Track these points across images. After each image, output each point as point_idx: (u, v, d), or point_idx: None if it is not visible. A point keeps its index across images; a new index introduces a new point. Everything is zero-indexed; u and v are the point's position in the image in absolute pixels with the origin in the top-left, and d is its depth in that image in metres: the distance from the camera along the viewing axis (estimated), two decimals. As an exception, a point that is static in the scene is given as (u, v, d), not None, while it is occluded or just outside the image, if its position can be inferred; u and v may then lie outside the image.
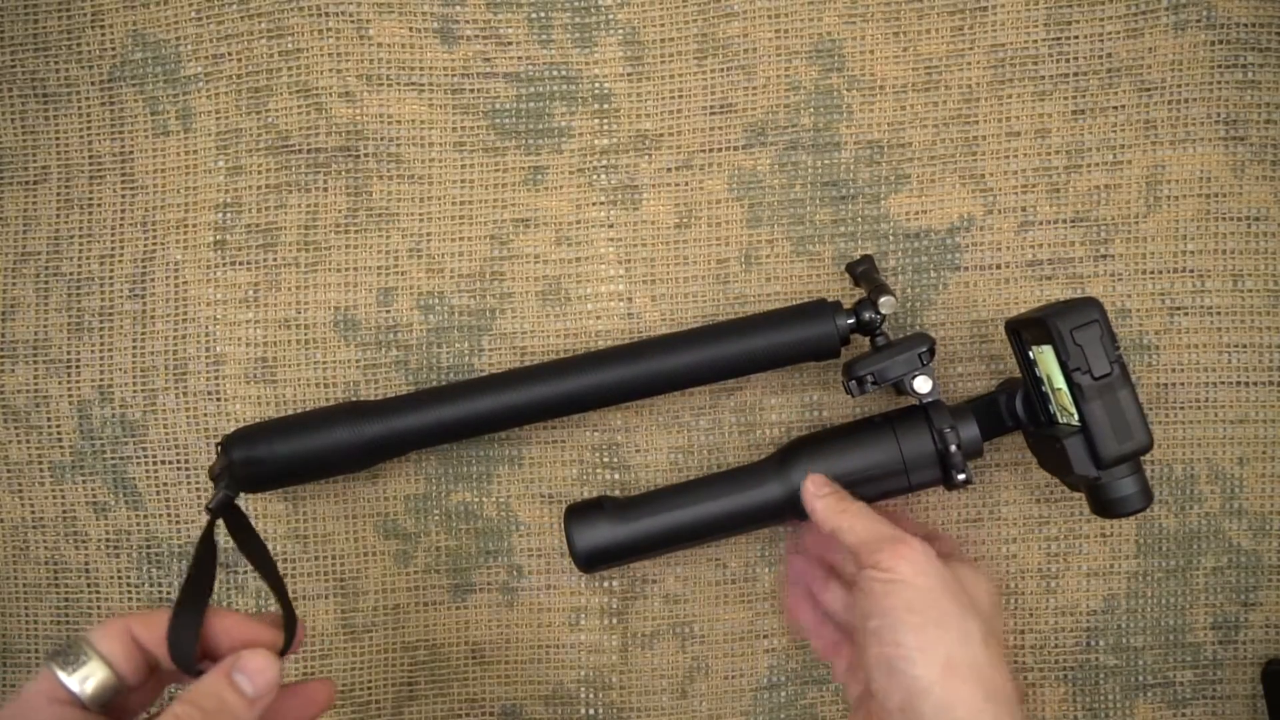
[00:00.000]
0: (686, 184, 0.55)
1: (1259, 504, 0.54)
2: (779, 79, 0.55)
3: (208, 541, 0.42)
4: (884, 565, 0.41)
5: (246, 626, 0.39)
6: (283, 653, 0.39)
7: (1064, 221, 0.54)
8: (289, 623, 0.40)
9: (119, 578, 0.56)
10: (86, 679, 0.35)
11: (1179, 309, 0.54)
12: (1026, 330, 0.48)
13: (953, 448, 0.47)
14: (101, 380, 0.56)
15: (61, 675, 0.35)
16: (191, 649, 0.37)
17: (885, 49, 0.55)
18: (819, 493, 0.46)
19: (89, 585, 0.56)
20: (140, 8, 0.56)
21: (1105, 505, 0.48)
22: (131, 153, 0.56)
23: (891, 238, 0.55)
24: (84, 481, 0.56)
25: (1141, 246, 0.54)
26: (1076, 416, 0.46)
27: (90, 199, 0.56)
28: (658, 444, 0.55)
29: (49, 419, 0.56)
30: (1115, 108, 0.54)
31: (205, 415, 0.55)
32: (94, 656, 0.36)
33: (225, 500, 0.46)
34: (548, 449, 0.55)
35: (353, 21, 0.55)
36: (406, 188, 0.55)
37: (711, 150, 0.55)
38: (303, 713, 0.41)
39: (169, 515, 0.56)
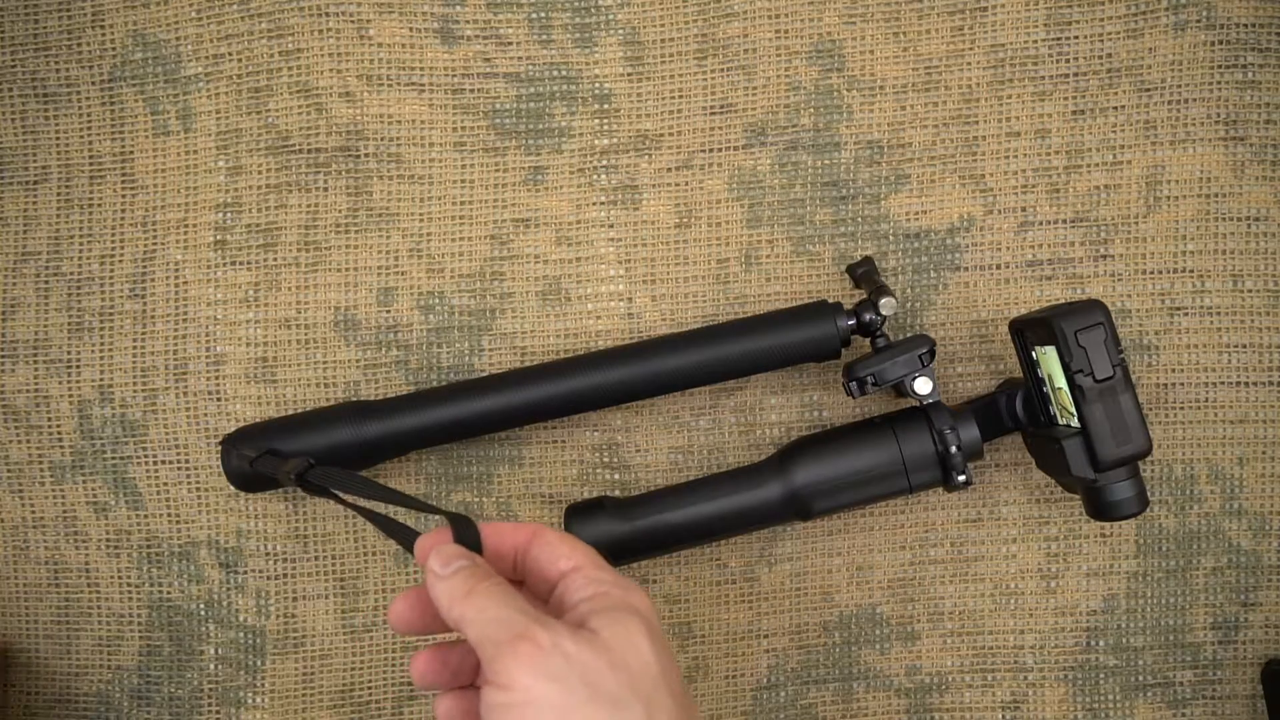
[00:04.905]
0: (686, 184, 0.55)
1: (1259, 504, 0.54)
2: (779, 79, 0.55)
3: (363, 486, 0.42)
4: (501, 679, 0.32)
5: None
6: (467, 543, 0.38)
7: (1064, 221, 0.54)
8: (456, 522, 0.39)
9: (119, 578, 0.56)
10: None
11: (1179, 309, 0.54)
12: (1030, 330, 0.48)
13: (953, 449, 0.47)
14: (101, 380, 0.56)
15: None
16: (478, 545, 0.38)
17: (885, 49, 0.55)
18: (443, 572, 0.36)
19: (89, 585, 0.56)
20: (140, 8, 0.56)
21: (1101, 508, 0.48)
22: (131, 153, 0.56)
23: (891, 238, 0.55)
24: (84, 481, 0.56)
25: (1141, 246, 0.54)
26: (1076, 418, 0.46)
27: (90, 199, 0.56)
28: (658, 444, 0.55)
29: (49, 419, 0.56)
30: (1115, 108, 0.54)
31: (205, 415, 0.55)
32: None
33: (306, 465, 0.46)
34: (548, 449, 0.55)
35: (353, 21, 0.55)
36: (407, 188, 0.55)
37: (711, 150, 0.55)
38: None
39: (169, 515, 0.56)
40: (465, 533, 0.38)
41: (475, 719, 0.35)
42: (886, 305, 0.49)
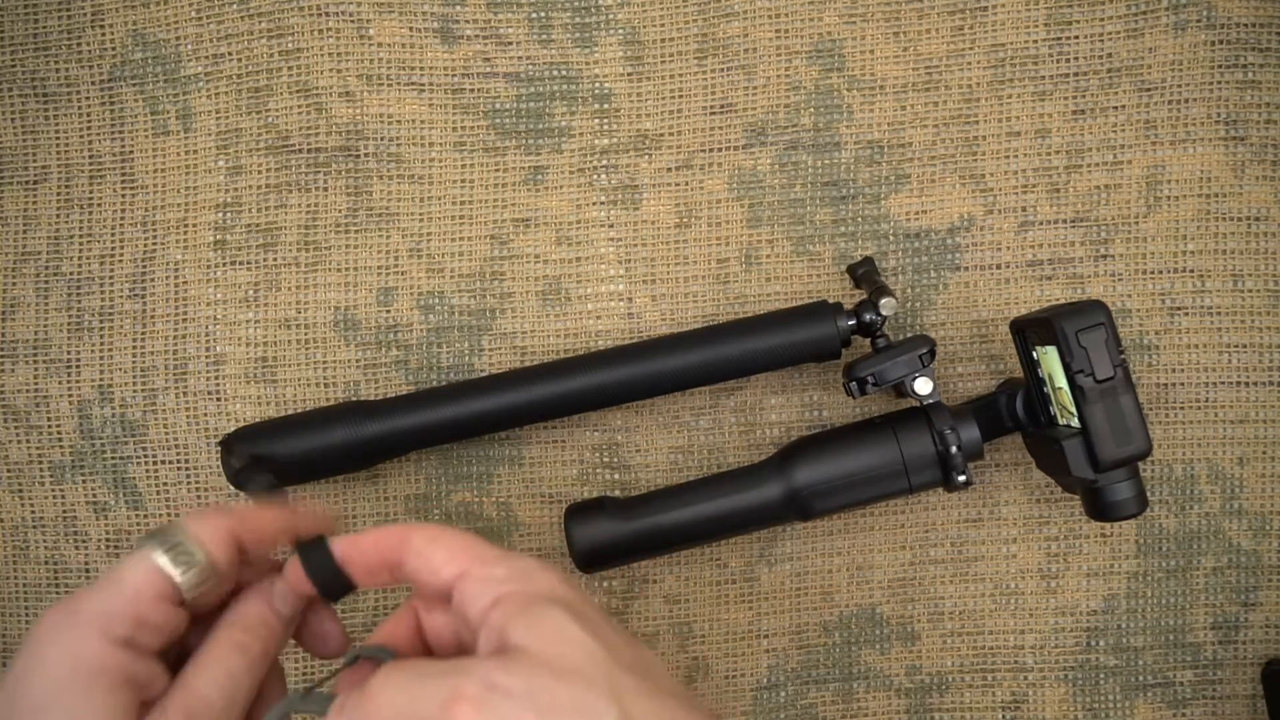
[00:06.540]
0: (686, 184, 0.55)
1: (1259, 504, 0.54)
2: (779, 79, 0.55)
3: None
4: None
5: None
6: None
7: (1064, 221, 0.54)
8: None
9: (119, 578, 0.56)
10: (189, 575, 0.33)
11: (1179, 309, 0.54)
12: (1032, 330, 0.48)
13: (953, 449, 0.47)
14: (101, 380, 0.56)
15: (169, 568, 0.33)
16: (337, 575, 0.36)
17: (885, 49, 0.55)
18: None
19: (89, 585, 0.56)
20: (140, 7, 0.56)
21: (1100, 508, 0.48)
22: (131, 153, 0.56)
23: (891, 238, 0.55)
24: (84, 481, 0.56)
25: (1141, 246, 0.54)
26: (1077, 418, 0.46)
27: (90, 199, 0.56)
28: (658, 444, 0.55)
29: (49, 419, 0.56)
30: (1115, 108, 0.54)
31: (205, 415, 0.55)
32: (198, 550, 0.34)
33: (272, 484, 0.46)
34: (548, 449, 0.55)
35: (353, 21, 0.55)
36: (406, 188, 0.55)
37: (711, 150, 0.55)
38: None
39: (169, 515, 0.56)
40: (315, 559, 0.35)
41: None
42: (887, 305, 0.49)
